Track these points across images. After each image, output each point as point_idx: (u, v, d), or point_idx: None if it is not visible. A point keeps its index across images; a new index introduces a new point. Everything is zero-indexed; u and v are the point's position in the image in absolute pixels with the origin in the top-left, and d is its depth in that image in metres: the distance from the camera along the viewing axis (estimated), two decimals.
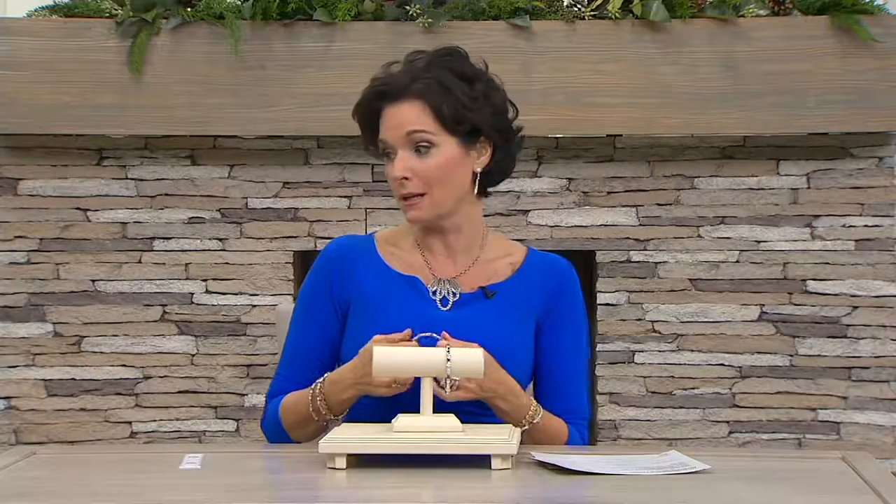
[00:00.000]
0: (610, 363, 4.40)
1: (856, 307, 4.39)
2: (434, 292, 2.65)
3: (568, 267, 2.72)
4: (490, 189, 2.69)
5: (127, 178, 4.43)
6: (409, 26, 4.30)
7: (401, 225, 2.74)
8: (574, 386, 2.69)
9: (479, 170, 2.64)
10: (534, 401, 2.60)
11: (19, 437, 4.40)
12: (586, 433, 2.70)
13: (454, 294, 2.64)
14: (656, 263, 4.41)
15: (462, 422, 2.37)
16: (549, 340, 2.67)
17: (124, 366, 4.42)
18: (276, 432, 2.68)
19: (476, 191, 2.65)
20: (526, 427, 2.54)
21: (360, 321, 2.65)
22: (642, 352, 4.41)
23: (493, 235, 2.72)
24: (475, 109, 2.61)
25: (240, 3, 4.33)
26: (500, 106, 2.65)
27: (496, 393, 2.52)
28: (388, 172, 2.62)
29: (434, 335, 2.49)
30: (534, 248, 2.75)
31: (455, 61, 2.64)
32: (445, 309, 2.64)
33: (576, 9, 4.33)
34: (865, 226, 4.39)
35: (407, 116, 2.59)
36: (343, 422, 2.56)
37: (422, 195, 2.59)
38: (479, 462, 2.28)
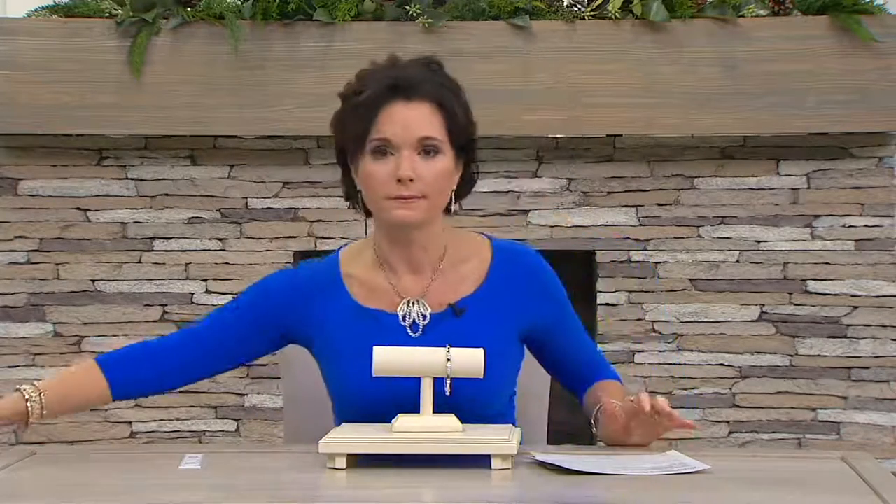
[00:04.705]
0: (610, 363, 4.38)
1: (856, 307, 4.39)
2: (403, 317, 2.53)
3: (535, 259, 2.61)
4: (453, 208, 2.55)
5: (127, 178, 4.43)
6: (409, 26, 4.30)
7: (363, 240, 2.64)
8: (594, 354, 2.71)
9: (454, 186, 2.54)
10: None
11: (19, 437, 4.40)
12: (616, 372, 2.74)
13: (423, 317, 2.53)
14: (656, 263, 4.41)
15: (462, 422, 2.37)
16: (558, 335, 2.63)
17: None
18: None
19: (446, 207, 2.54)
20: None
21: (332, 362, 2.55)
22: (642, 352, 4.41)
23: (449, 239, 2.58)
24: (472, 123, 2.55)
25: (240, 3, 4.34)
26: (475, 123, 2.56)
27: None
28: (378, 171, 2.49)
29: None
30: (494, 238, 2.62)
31: (444, 70, 2.55)
32: (416, 335, 2.53)
33: (576, 9, 4.33)
34: (865, 226, 4.39)
35: (421, 117, 2.48)
36: (343, 423, 2.54)
37: (418, 198, 2.47)
38: (479, 462, 2.28)
